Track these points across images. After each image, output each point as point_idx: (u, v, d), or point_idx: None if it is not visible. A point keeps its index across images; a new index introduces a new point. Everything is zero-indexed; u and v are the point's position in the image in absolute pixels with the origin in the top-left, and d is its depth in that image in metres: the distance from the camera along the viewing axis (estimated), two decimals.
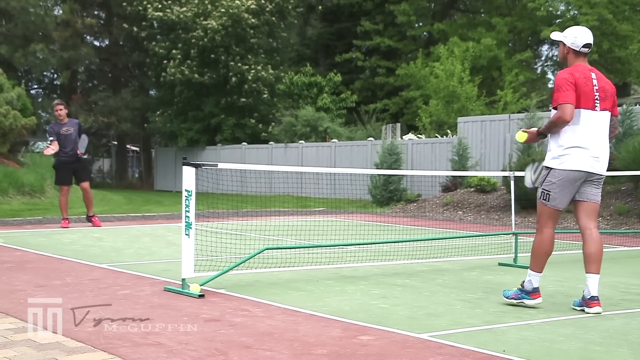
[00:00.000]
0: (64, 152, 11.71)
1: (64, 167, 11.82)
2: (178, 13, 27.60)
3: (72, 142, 11.78)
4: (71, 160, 11.80)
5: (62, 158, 11.80)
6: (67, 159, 11.78)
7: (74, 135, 11.81)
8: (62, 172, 11.89)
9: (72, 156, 11.80)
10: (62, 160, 11.81)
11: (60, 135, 11.70)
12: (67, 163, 11.79)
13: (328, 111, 28.29)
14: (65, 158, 11.77)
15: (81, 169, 12.05)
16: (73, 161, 11.83)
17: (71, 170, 11.88)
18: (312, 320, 4.98)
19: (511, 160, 15.60)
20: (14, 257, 8.12)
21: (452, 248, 9.22)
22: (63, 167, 11.84)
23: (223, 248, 7.60)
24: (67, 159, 11.78)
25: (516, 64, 27.96)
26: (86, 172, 12.37)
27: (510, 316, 5.22)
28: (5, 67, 22.00)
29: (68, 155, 11.75)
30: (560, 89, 5.33)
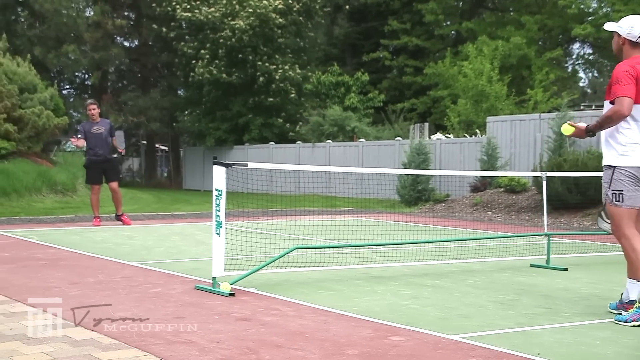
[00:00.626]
0: (94, 151, 11.84)
1: (94, 166, 11.90)
2: (206, 13, 27.77)
3: (102, 141, 11.87)
4: (101, 160, 11.89)
5: (92, 157, 11.92)
6: (97, 158, 11.87)
7: (104, 134, 11.89)
8: (93, 171, 11.97)
9: (102, 156, 11.89)
10: (92, 160, 11.93)
11: (90, 134, 11.82)
12: (97, 163, 11.88)
13: (355, 111, 28.24)
14: (95, 158, 11.87)
15: (110, 169, 12.09)
16: (103, 161, 11.91)
17: (101, 170, 11.94)
18: (342, 320, 4.97)
19: (542, 160, 15.42)
20: (48, 254, 8.24)
21: (482, 249, 9.14)
22: (93, 167, 11.93)
23: (252, 247, 7.63)
24: (97, 158, 11.87)
25: (546, 63, 27.62)
26: (115, 173, 12.37)
27: (543, 318, 5.15)
28: (39, 68, 22.31)
29: (98, 154, 11.85)
30: (620, 82, 5.04)
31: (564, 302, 5.80)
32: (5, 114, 17.00)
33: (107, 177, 12.07)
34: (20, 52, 25.26)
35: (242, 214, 11.84)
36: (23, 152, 17.48)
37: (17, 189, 15.17)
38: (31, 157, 17.71)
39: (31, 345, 4.13)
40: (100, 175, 12.00)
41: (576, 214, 13.81)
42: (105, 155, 11.94)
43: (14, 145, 17.04)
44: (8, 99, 17.32)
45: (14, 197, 14.95)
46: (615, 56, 5.55)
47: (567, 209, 13.91)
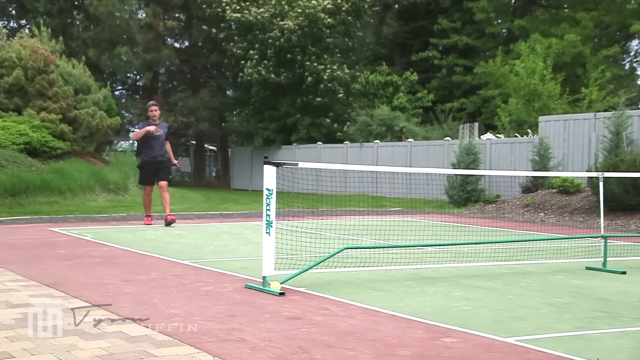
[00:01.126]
0: (150, 153, 11.93)
1: (148, 167, 11.99)
2: (255, 14, 27.97)
3: (160, 144, 11.96)
4: (156, 161, 11.97)
5: (147, 159, 12.01)
6: (152, 160, 11.95)
7: (162, 137, 11.99)
8: (146, 172, 12.06)
9: (157, 158, 11.97)
10: (146, 161, 12.02)
11: (150, 134, 11.90)
12: (152, 164, 11.96)
13: (404, 110, 28.06)
14: (150, 159, 11.95)
15: (163, 169, 12.15)
16: (157, 162, 11.99)
17: (154, 171, 12.01)
18: (393, 321, 4.93)
19: (597, 161, 15.04)
20: (102, 252, 8.40)
21: (535, 250, 8.96)
22: (146, 168, 12.02)
23: (301, 247, 7.64)
24: (152, 160, 11.95)
25: (602, 60, 26.92)
26: (167, 172, 12.36)
27: (601, 322, 5.01)
28: (93, 69, 22.84)
29: (153, 156, 11.93)
30: None
31: (623, 306, 5.63)
32: (61, 115, 17.46)
33: (158, 176, 12.10)
34: (76, 54, 25.95)
35: (291, 214, 11.86)
36: (77, 152, 17.92)
37: (72, 187, 15.55)
38: (85, 156, 18.13)
39: (88, 340, 4.21)
40: (153, 176, 12.05)
41: (634, 215, 13.42)
42: (160, 158, 12.02)
43: (69, 145, 17.48)
44: (64, 100, 17.78)
45: (68, 196, 15.32)
46: None
47: (624, 211, 13.53)
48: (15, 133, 16.26)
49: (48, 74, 17.83)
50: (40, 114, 17.27)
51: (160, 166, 12.06)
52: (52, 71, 18.06)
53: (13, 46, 18.64)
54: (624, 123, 15.31)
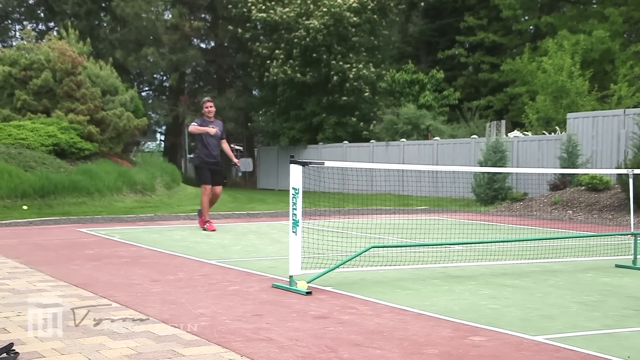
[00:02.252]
0: (207, 151, 11.23)
1: (206, 166, 11.26)
2: (281, 13, 28.02)
3: (216, 141, 11.30)
4: (213, 161, 11.29)
5: (204, 157, 11.27)
6: (210, 159, 11.25)
7: (218, 135, 11.30)
8: (205, 171, 11.30)
9: (215, 157, 11.32)
10: (204, 160, 11.26)
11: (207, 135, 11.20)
12: (209, 163, 11.24)
13: (430, 109, 27.91)
14: (208, 158, 11.25)
15: (219, 172, 11.44)
16: (214, 162, 11.32)
17: (211, 171, 11.28)
18: (420, 320, 4.91)
19: (627, 158, 14.82)
20: (130, 252, 8.48)
21: (563, 248, 8.85)
22: (205, 167, 11.28)
23: (328, 246, 7.64)
24: (209, 159, 11.25)
25: (631, 56, 26.50)
26: (221, 176, 11.58)
27: (632, 321, 4.94)
28: (120, 70, 23.07)
29: (211, 155, 11.26)
30: None
31: None
32: (88, 116, 17.66)
33: (213, 179, 11.34)
34: (103, 55, 26.23)
35: (317, 213, 11.87)
36: (105, 153, 18.11)
37: (100, 188, 15.72)
38: (112, 157, 18.31)
39: (117, 340, 4.25)
40: (211, 176, 11.29)
41: None
42: (217, 156, 11.38)
43: (96, 146, 17.67)
44: (91, 102, 17.98)
45: (96, 197, 15.50)
46: None
47: None
48: (44, 135, 16.50)
49: (76, 76, 18.05)
50: (68, 116, 17.49)
51: (217, 167, 11.39)
52: (80, 73, 18.28)
53: (41, 48, 18.90)
54: None
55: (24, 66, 18.20)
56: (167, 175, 19.31)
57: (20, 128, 16.66)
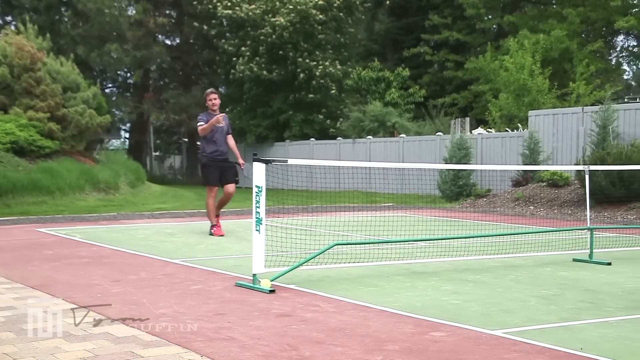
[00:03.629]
0: (214, 147, 10.21)
1: (214, 164, 10.23)
2: (247, 10, 27.89)
3: (223, 137, 10.28)
4: (222, 158, 10.29)
5: (211, 155, 10.22)
6: (218, 156, 10.23)
7: (225, 129, 10.32)
8: (212, 170, 10.27)
9: (224, 153, 10.30)
10: (212, 158, 10.22)
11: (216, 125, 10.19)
12: (218, 161, 10.23)
13: (396, 106, 28.07)
14: (216, 155, 10.22)
15: (228, 169, 10.36)
16: (223, 159, 10.32)
17: (220, 169, 10.27)
18: (383, 316, 4.94)
19: (585, 154, 15.12)
20: (91, 252, 8.38)
21: (524, 243, 9.00)
22: (212, 165, 10.24)
23: (292, 243, 7.65)
24: (217, 156, 10.23)
25: (588, 55, 27.04)
26: (233, 173, 10.42)
27: (587, 313, 5.05)
28: (82, 67, 22.71)
29: (218, 151, 10.23)
30: None
31: (608, 297, 5.68)
32: (49, 113, 17.32)
33: (224, 178, 10.29)
34: (64, 51, 25.75)
35: (282, 211, 11.87)
36: (66, 151, 17.80)
37: (61, 187, 15.46)
38: (74, 155, 18.02)
39: (73, 342, 4.19)
40: (219, 175, 10.29)
41: (620, 207, 13.52)
42: (225, 152, 10.32)
43: (57, 144, 17.35)
44: (52, 98, 17.65)
45: (57, 196, 15.24)
46: None
47: (611, 203, 13.62)
48: (1, 132, 16.12)
49: (35, 72, 17.69)
50: (27, 113, 17.12)
51: (226, 164, 10.32)
52: (40, 69, 17.92)
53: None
54: (610, 117, 15.40)
55: None
56: (131, 173, 19.08)
57: None
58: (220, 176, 10.27)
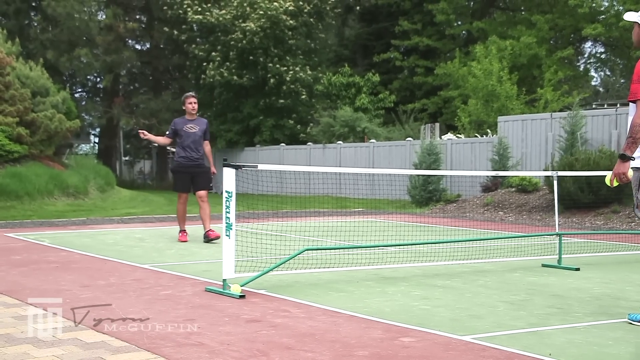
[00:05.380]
0: (185, 152, 10.10)
1: (184, 170, 10.11)
2: (217, 16, 27.84)
3: (196, 142, 10.12)
4: (192, 163, 10.11)
5: (181, 160, 10.14)
6: (187, 162, 10.09)
7: (198, 134, 10.14)
8: (181, 176, 10.19)
9: (193, 159, 10.12)
10: (181, 163, 10.14)
11: (183, 131, 10.09)
12: (187, 167, 10.09)
13: (366, 111, 28.23)
14: (185, 161, 10.10)
15: (201, 174, 10.19)
16: (194, 165, 10.13)
17: (190, 175, 10.12)
18: (353, 322, 4.96)
19: (553, 160, 15.35)
20: (60, 257, 8.28)
21: (494, 249, 9.10)
22: (181, 171, 10.15)
23: (263, 249, 7.63)
24: (186, 162, 10.09)
25: (557, 62, 27.49)
26: (206, 180, 10.28)
27: (555, 319, 5.12)
28: (51, 71, 22.44)
29: (189, 157, 10.09)
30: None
31: (576, 302, 5.76)
32: (18, 118, 17.11)
33: (196, 184, 10.17)
34: (33, 56, 25.43)
35: (253, 216, 11.86)
36: (35, 156, 17.58)
37: (30, 192, 15.26)
38: (43, 160, 17.81)
39: (42, 348, 4.14)
40: (189, 181, 10.16)
41: (588, 213, 13.73)
42: (196, 159, 10.15)
43: (26, 149, 17.13)
44: (21, 103, 17.43)
45: (26, 200, 15.05)
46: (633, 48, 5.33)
47: (579, 209, 13.83)
48: None
49: (4, 77, 17.46)
50: None
51: (198, 170, 10.14)
52: (9, 73, 17.70)
53: None
54: (578, 123, 15.67)
55: None
56: (100, 178, 18.89)
57: None
58: (192, 182, 10.16)
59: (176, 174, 10.36)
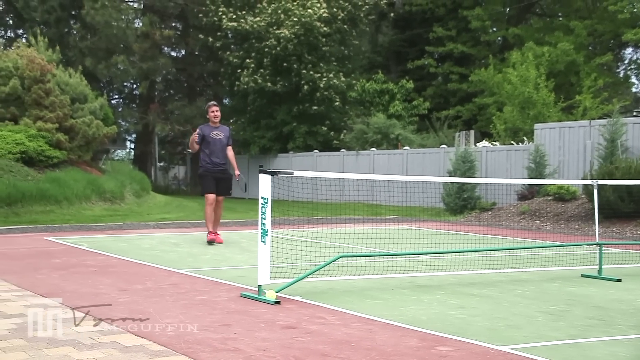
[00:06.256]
0: (211, 158, 10.68)
1: (210, 175, 10.68)
2: (252, 23, 28.02)
3: (221, 148, 10.73)
4: (218, 169, 10.74)
5: (208, 165, 10.70)
6: (214, 167, 10.69)
7: (223, 141, 10.75)
8: (208, 180, 10.69)
9: (219, 164, 10.75)
10: (208, 169, 10.70)
11: (210, 138, 10.66)
12: (214, 172, 10.68)
13: (400, 118, 28.09)
14: (212, 166, 10.69)
15: (223, 180, 10.81)
16: (220, 170, 10.75)
17: (215, 180, 10.69)
18: (388, 329, 4.93)
19: (592, 168, 15.08)
20: (98, 261, 8.39)
21: (530, 258, 8.97)
22: (209, 176, 10.70)
23: (297, 255, 7.64)
24: (213, 167, 10.69)
25: (595, 68, 27.04)
26: (226, 186, 10.96)
27: (596, 330, 5.02)
28: (89, 78, 22.80)
29: (215, 163, 10.69)
30: None
31: (618, 314, 5.64)
32: (57, 124, 17.44)
33: (218, 189, 10.75)
34: (72, 63, 25.92)
35: (287, 222, 11.86)
36: (73, 161, 17.89)
37: (68, 196, 15.51)
38: (81, 165, 18.10)
39: (82, 350, 4.20)
40: (215, 185, 10.69)
41: (629, 223, 13.45)
42: (222, 164, 10.74)
43: (65, 154, 17.44)
44: (60, 109, 17.76)
45: (64, 205, 15.29)
46: None
47: (619, 218, 13.55)
48: (11, 142, 16.24)
49: (45, 83, 17.82)
50: (36, 123, 17.25)
51: (222, 175, 10.76)
52: (49, 80, 18.05)
53: (10, 56, 18.62)
54: (618, 130, 15.35)
55: None
56: (136, 183, 19.13)
57: None
58: (216, 186, 10.71)
59: (203, 178, 10.85)
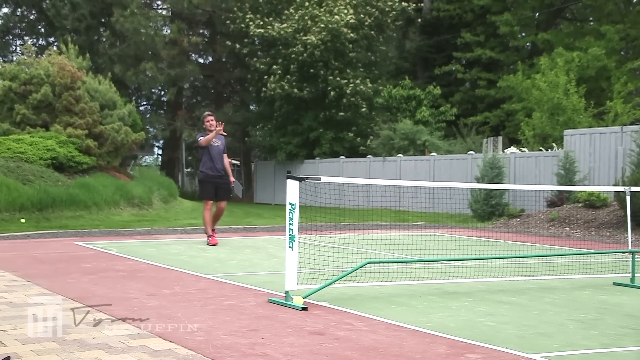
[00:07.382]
0: (211, 165, 11.23)
1: (210, 181, 11.26)
2: (279, 29, 28.14)
3: (220, 155, 11.31)
4: (217, 175, 11.28)
5: (208, 172, 11.28)
6: (214, 173, 11.25)
7: (221, 148, 11.35)
8: (207, 186, 11.29)
9: (218, 170, 11.29)
10: (207, 174, 11.27)
11: (209, 146, 11.21)
12: (213, 177, 11.25)
13: (427, 124, 27.98)
14: (212, 172, 11.25)
15: (224, 186, 11.39)
16: (219, 176, 11.30)
17: (215, 185, 11.27)
18: (416, 336, 4.90)
19: (624, 175, 14.85)
20: (126, 265, 8.47)
21: (560, 265, 8.85)
22: (208, 181, 11.28)
23: (324, 261, 7.63)
24: (213, 173, 11.24)
25: (627, 73, 26.62)
26: (227, 191, 11.67)
27: (629, 340, 4.93)
28: (118, 85, 23.13)
29: (215, 169, 11.25)
30: None
31: None
32: (87, 130, 17.69)
33: (219, 194, 11.36)
34: (102, 70, 26.30)
35: (313, 228, 11.85)
36: (103, 167, 18.13)
37: (97, 202, 15.71)
38: (110, 171, 18.33)
39: (113, 354, 4.23)
40: (214, 191, 11.28)
41: None
42: (221, 170, 11.32)
43: (94, 160, 17.69)
44: (90, 116, 18.03)
45: (94, 210, 15.48)
46: None
47: None
48: (42, 148, 16.51)
49: (75, 90, 18.10)
50: (66, 130, 17.53)
51: (221, 181, 11.34)
52: (79, 87, 18.33)
53: (41, 63, 18.96)
54: None
55: (24, 81, 18.26)
56: (164, 189, 19.31)
57: (19, 142, 16.68)
58: (215, 192, 11.28)
59: (203, 184, 11.44)
